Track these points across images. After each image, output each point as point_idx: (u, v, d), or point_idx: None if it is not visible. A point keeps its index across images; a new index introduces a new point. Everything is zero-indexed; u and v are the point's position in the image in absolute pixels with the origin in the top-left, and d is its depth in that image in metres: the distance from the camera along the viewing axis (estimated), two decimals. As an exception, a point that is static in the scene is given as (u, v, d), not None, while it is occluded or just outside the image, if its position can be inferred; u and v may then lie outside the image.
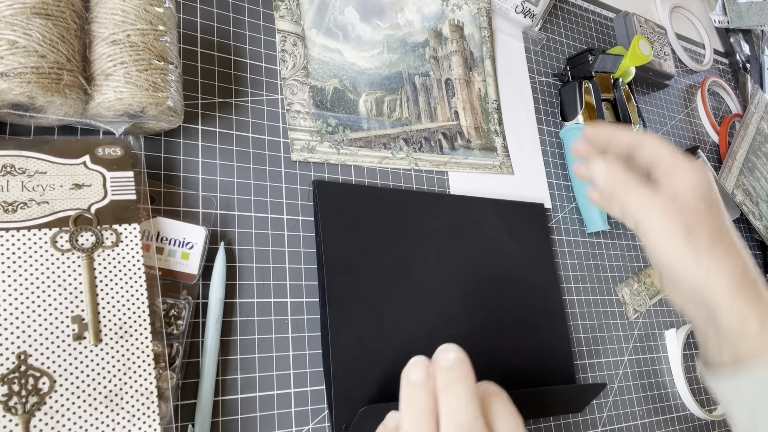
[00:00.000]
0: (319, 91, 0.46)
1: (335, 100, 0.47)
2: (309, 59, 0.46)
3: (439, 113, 0.52)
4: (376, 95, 0.49)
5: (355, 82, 0.48)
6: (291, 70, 0.45)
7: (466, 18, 0.57)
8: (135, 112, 0.34)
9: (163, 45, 0.35)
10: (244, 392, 0.37)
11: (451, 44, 0.55)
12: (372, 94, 0.49)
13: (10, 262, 0.30)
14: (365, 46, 0.50)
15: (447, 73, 0.54)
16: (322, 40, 0.47)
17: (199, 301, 0.37)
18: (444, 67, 0.55)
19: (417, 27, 0.54)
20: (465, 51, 0.56)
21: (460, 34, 0.56)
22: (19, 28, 0.30)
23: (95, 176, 0.34)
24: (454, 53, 0.55)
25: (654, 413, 0.58)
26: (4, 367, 0.28)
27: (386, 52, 0.51)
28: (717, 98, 0.90)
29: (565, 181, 0.61)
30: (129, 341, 0.32)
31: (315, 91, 0.46)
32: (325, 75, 0.47)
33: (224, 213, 0.40)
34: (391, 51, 0.51)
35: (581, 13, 0.75)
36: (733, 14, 0.97)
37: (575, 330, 0.55)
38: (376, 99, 0.49)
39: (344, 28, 0.49)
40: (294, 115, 0.44)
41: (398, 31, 0.52)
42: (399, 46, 0.52)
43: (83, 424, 0.29)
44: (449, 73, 0.55)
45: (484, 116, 0.55)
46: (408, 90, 0.51)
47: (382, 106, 0.49)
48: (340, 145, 0.46)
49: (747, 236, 0.82)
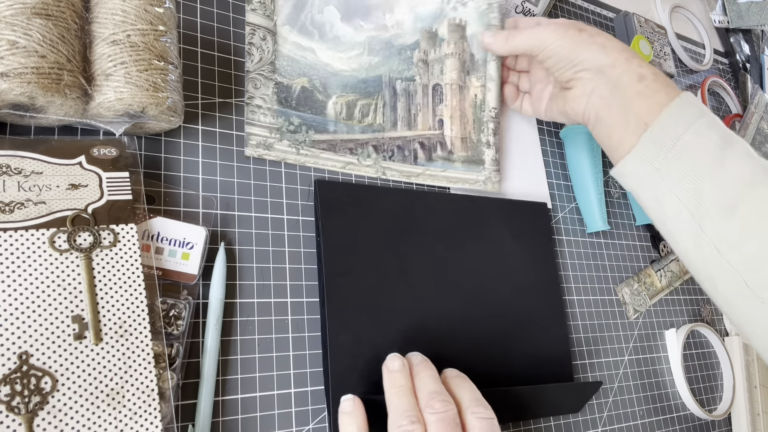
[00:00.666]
0: (285, 88, 0.43)
1: (302, 99, 0.44)
2: (278, 55, 0.43)
3: (420, 121, 0.48)
4: (348, 98, 0.45)
5: (327, 83, 0.45)
6: (256, 64, 0.42)
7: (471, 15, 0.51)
8: (135, 112, 0.34)
9: (163, 45, 0.35)
10: (245, 392, 0.37)
11: (447, 46, 0.51)
12: (344, 96, 0.45)
13: (9, 263, 0.30)
14: (343, 47, 0.46)
15: (437, 77, 0.50)
16: (295, 38, 0.44)
17: (199, 302, 0.37)
18: (434, 71, 0.50)
19: (407, 28, 0.49)
20: (464, 53, 0.51)
21: (461, 34, 0.51)
22: (19, 29, 0.30)
23: (91, 176, 0.34)
24: (450, 56, 0.50)
25: (654, 413, 0.58)
26: (6, 368, 0.28)
27: (366, 54, 0.47)
28: (717, 98, 0.90)
29: (565, 181, 0.61)
30: (129, 340, 0.32)
31: (280, 87, 0.43)
32: (293, 72, 0.44)
33: (224, 213, 0.40)
34: (372, 53, 0.47)
35: (581, 13, 0.75)
36: (733, 14, 0.97)
37: (575, 330, 0.55)
38: (347, 102, 0.45)
39: (321, 28, 0.45)
40: (254, 109, 0.42)
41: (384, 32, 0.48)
42: (382, 49, 0.48)
43: (86, 423, 0.29)
44: (439, 77, 0.50)
45: (476, 125, 0.51)
46: (386, 95, 0.47)
47: (353, 109, 0.46)
48: (301, 146, 0.43)
49: (747, 236, 0.82)
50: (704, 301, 0.70)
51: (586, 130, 0.59)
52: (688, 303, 0.68)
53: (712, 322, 0.69)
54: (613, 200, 0.65)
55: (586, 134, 0.59)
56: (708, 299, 0.70)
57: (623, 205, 0.66)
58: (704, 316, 0.68)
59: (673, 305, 0.66)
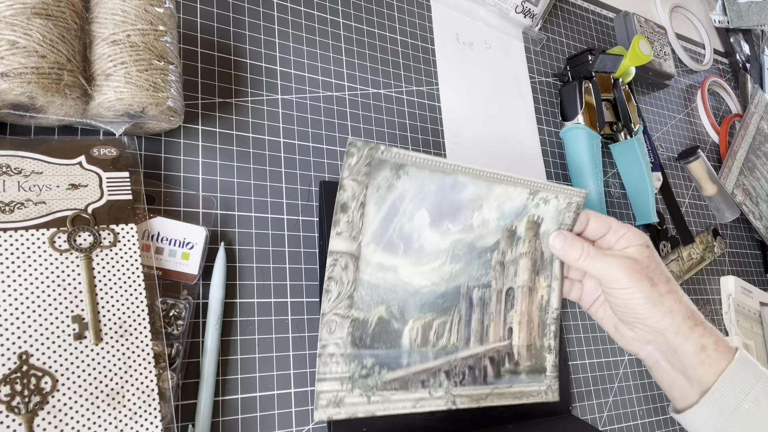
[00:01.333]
0: (361, 325, 0.39)
1: (377, 333, 0.40)
2: (357, 284, 0.39)
3: (491, 333, 0.46)
4: (424, 320, 0.42)
5: (404, 307, 0.42)
6: (333, 302, 0.38)
7: (549, 213, 0.47)
8: (135, 112, 0.34)
9: (163, 45, 0.35)
10: (245, 392, 0.37)
11: (522, 245, 0.47)
12: (420, 319, 0.42)
13: (9, 263, 0.30)
14: (426, 258, 0.42)
15: (511, 281, 0.47)
16: (379, 257, 0.40)
17: (199, 302, 0.37)
18: (509, 273, 0.47)
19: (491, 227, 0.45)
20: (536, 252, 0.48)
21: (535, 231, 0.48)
22: (19, 29, 0.30)
23: (91, 176, 0.34)
24: (524, 255, 0.47)
25: (654, 413, 0.58)
26: (6, 368, 0.28)
27: (449, 262, 0.44)
28: (717, 98, 0.90)
29: (565, 181, 0.61)
30: (129, 340, 0.32)
31: (356, 324, 0.39)
32: (371, 302, 0.40)
33: (224, 213, 0.40)
34: (454, 260, 0.44)
35: (581, 13, 0.75)
36: (733, 14, 0.97)
37: (575, 330, 0.55)
38: (423, 325, 0.42)
39: (409, 239, 0.42)
40: (326, 360, 0.37)
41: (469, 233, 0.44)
42: (465, 254, 0.44)
43: (86, 423, 0.29)
44: (513, 280, 0.47)
45: (540, 330, 0.48)
46: (462, 309, 0.44)
47: (428, 333, 0.43)
48: (372, 391, 0.40)
49: (747, 236, 0.82)
50: (704, 301, 0.70)
51: (586, 130, 0.59)
52: (688, 303, 0.68)
53: (712, 322, 0.69)
54: (613, 200, 0.65)
55: (586, 134, 0.59)
56: (708, 299, 0.70)
57: (623, 205, 0.66)
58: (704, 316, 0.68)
59: (673, 305, 0.66)
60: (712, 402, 0.41)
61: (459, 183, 0.44)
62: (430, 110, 0.54)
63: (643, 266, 0.43)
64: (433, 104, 0.54)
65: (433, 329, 0.43)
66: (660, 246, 0.67)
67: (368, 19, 0.53)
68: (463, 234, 0.45)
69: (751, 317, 0.72)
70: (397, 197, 0.41)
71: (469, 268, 0.45)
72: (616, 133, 0.64)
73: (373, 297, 0.40)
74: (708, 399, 0.41)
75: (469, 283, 0.45)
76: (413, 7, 0.57)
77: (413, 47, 0.55)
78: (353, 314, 0.39)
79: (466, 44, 0.60)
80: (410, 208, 0.42)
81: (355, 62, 0.51)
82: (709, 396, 0.41)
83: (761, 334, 0.72)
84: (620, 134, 0.64)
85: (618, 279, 0.43)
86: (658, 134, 0.76)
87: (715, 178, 0.76)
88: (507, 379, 0.46)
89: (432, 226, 0.43)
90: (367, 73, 0.51)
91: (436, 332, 0.43)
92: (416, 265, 0.42)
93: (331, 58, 0.50)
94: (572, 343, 0.54)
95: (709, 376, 0.42)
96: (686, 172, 0.77)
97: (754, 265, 0.81)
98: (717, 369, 0.42)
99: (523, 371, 0.47)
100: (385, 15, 0.55)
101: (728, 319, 0.70)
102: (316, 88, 0.48)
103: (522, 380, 0.47)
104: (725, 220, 0.78)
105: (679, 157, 0.77)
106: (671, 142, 0.77)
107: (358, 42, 0.52)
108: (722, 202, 0.77)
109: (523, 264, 0.47)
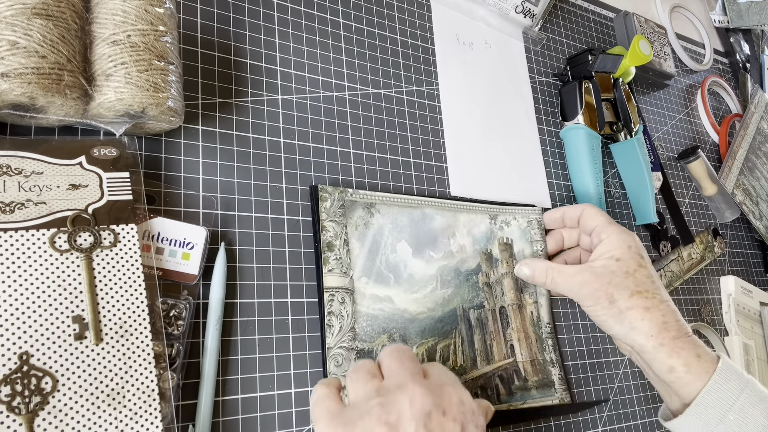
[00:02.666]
0: (367, 355, 0.41)
1: None
2: (357, 317, 0.41)
3: (496, 351, 0.47)
4: (428, 345, 0.43)
5: (406, 334, 0.43)
6: (337, 337, 0.40)
7: (514, 233, 0.51)
8: (135, 112, 0.34)
9: (163, 45, 0.35)
10: (245, 392, 0.37)
11: (501, 266, 0.50)
12: (423, 344, 0.43)
13: (9, 263, 0.30)
14: (417, 285, 0.44)
15: (501, 300, 0.49)
16: (372, 290, 0.42)
17: (199, 302, 0.37)
18: (497, 293, 0.49)
19: (469, 252, 0.48)
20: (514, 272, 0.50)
21: (510, 252, 0.51)
22: (19, 29, 0.30)
23: (92, 177, 0.34)
24: (505, 276, 0.50)
25: (654, 413, 0.58)
26: (6, 368, 0.28)
27: (440, 287, 0.46)
28: (717, 98, 0.90)
29: (565, 181, 0.61)
30: (129, 340, 0.32)
31: (362, 355, 0.41)
32: (373, 333, 0.42)
33: (225, 213, 0.40)
34: (444, 285, 0.46)
35: (581, 13, 0.75)
36: (733, 14, 0.97)
37: (575, 330, 0.55)
38: (427, 350, 0.43)
39: (396, 269, 0.44)
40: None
41: (451, 259, 0.47)
42: (453, 278, 0.46)
43: (87, 423, 0.29)
44: (503, 299, 0.49)
45: (539, 344, 0.50)
46: (462, 330, 0.46)
47: (434, 357, 0.44)
48: None
49: (747, 236, 0.82)
50: (704, 301, 0.70)
51: (586, 130, 0.59)
52: (688, 303, 0.68)
53: (712, 322, 0.69)
54: (613, 200, 0.65)
55: (586, 134, 0.59)
56: (708, 299, 0.70)
57: (623, 205, 0.66)
58: (704, 316, 0.68)
59: (673, 305, 0.66)
60: (697, 414, 0.41)
61: (427, 215, 0.47)
62: (430, 110, 0.54)
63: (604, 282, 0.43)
64: (433, 104, 0.54)
65: (438, 353, 0.44)
66: (660, 246, 0.67)
67: (368, 19, 0.53)
68: (446, 260, 0.47)
69: (751, 317, 0.72)
70: (376, 232, 0.44)
71: (460, 291, 0.47)
72: (616, 133, 0.64)
73: (374, 327, 0.42)
74: (692, 411, 0.41)
75: (463, 305, 0.47)
76: (413, 7, 0.57)
77: (413, 47, 0.55)
78: (358, 346, 0.40)
79: (466, 44, 0.60)
80: (390, 241, 0.44)
81: (355, 62, 0.51)
82: (693, 408, 0.41)
83: (761, 334, 0.72)
84: (620, 134, 0.64)
85: (580, 298, 0.44)
86: (658, 134, 0.76)
87: (715, 178, 0.76)
88: (519, 396, 0.47)
89: (415, 256, 0.45)
90: (367, 73, 0.51)
91: (442, 355, 0.44)
92: (409, 292, 0.44)
93: (331, 58, 0.50)
94: (572, 343, 0.54)
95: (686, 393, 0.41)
96: (686, 172, 0.77)
97: (754, 265, 0.81)
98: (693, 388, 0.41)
99: (532, 387, 0.48)
100: (385, 15, 0.55)
101: (728, 319, 0.70)
102: (316, 88, 0.48)
103: (533, 396, 0.48)
104: (725, 220, 0.78)
105: (679, 157, 0.77)
106: (671, 142, 0.78)
107: (358, 42, 0.52)
108: (722, 202, 0.77)
109: (507, 284, 0.50)
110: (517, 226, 0.52)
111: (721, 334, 0.68)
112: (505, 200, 0.54)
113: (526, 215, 0.52)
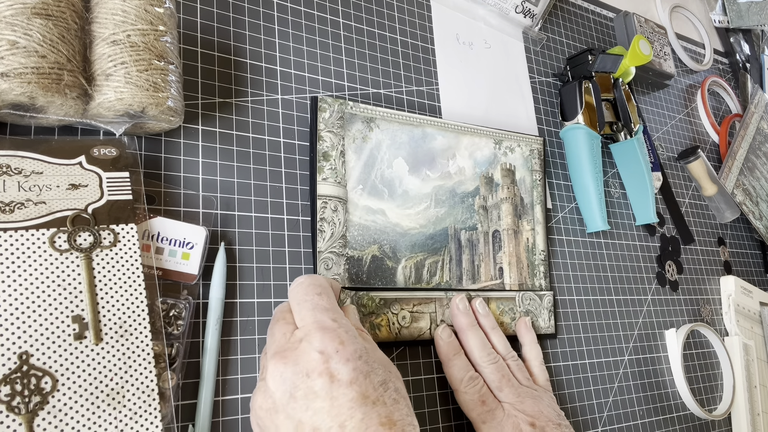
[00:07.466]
0: (356, 262, 0.42)
1: (372, 270, 0.43)
2: (349, 226, 0.42)
3: (483, 272, 0.48)
4: (416, 259, 0.45)
5: (396, 247, 0.44)
6: (328, 242, 0.41)
7: (518, 161, 0.53)
8: (135, 112, 0.34)
9: (163, 45, 0.35)
10: (245, 392, 0.37)
11: (501, 191, 0.51)
12: (412, 258, 0.44)
13: (9, 263, 0.30)
14: (411, 201, 0.45)
15: (495, 224, 0.50)
16: (366, 201, 0.43)
17: (199, 302, 0.37)
18: (493, 217, 0.50)
19: (468, 174, 0.49)
20: (515, 197, 0.52)
21: (512, 178, 0.52)
22: (19, 29, 0.30)
23: (91, 176, 0.34)
24: (504, 201, 0.51)
25: (654, 413, 0.58)
26: (6, 368, 0.28)
27: (433, 206, 0.46)
28: (717, 98, 0.90)
29: (565, 181, 0.61)
30: (129, 340, 0.32)
31: (351, 262, 0.42)
32: (364, 242, 0.43)
33: (224, 213, 0.40)
34: (438, 204, 0.47)
35: (581, 13, 0.75)
36: (733, 14, 0.97)
37: (575, 330, 0.55)
38: (416, 264, 0.45)
39: (391, 184, 0.45)
40: None
41: (448, 180, 0.48)
42: (447, 198, 0.47)
43: (86, 423, 0.29)
44: (497, 223, 0.50)
45: (530, 270, 0.51)
46: (452, 249, 0.47)
47: (421, 271, 0.45)
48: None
49: (747, 236, 0.82)
50: (704, 301, 0.70)
51: (586, 130, 0.59)
52: (688, 303, 0.68)
53: (712, 322, 0.69)
54: (613, 200, 0.65)
55: (586, 134, 0.59)
56: (708, 299, 0.70)
57: (623, 205, 0.66)
58: (704, 316, 0.68)
59: (673, 305, 0.66)
60: None
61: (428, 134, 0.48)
62: (430, 110, 0.54)
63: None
64: (433, 104, 0.54)
65: (426, 268, 0.45)
66: (666, 266, 0.67)
67: (368, 19, 0.53)
68: (443, 180, 0.48)
69: (751, 317, 0.72)
70: (374, 147, 0.44)
71: (453, 211, 0.48)
72: (616, 133, 0.64)
73: (365, 237, 0.43)
74: None
75: (455, 226, 0.48)
76: (413, 7, 0.57)
77: (413, 47, 0.55)
78: (348, 252, 0.42)
79: (466, 44, 0.60)
80: (387, 157, 0.45)
81: (355, 62, 0.51)
82: None
83: (761, 334, 0.72)
84: (620, 134, 0.64)
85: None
86: (658, 134, 0.76)
87: (715, 178, 0.76)
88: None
89: (411, 173, 0.46)
90: (367, 73, 0.51)
91: (429, 270, 0.45)
92: (402, 208, 0.45)
93: (331, 58, 0.50)
94: (572, 343, 0.54)
95: None
96: (686, 172, 0.77)
97: (754, 265, 0.81)
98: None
99: None
100: (385, 15, 0.55)
101: (728, 319, 0.70)
102: (316, 88, 0.48)
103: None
104: (725, 220, 0.78)
105: (679, 157, 0.77)
106: (671, 142, 0.78)
107: (358, 42, 0.52)
108: (722, 202, 0.77)
109: (504, 209, 0.51)
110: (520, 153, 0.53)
111: (721, 334, 0.68)
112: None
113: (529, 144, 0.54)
